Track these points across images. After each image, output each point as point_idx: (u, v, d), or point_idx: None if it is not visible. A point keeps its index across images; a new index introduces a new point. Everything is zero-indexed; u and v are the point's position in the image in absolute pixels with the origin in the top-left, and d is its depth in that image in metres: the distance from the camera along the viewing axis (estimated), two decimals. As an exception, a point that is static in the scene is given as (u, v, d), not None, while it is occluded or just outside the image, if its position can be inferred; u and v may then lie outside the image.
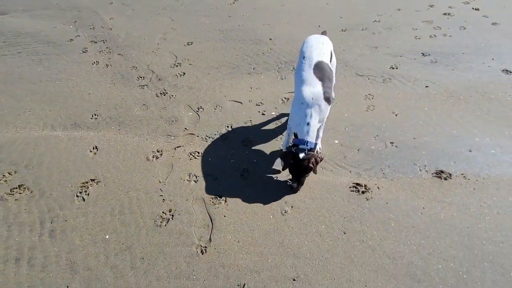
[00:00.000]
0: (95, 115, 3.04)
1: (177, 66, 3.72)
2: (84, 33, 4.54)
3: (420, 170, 2.34)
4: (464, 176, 2.27)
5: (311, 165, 2.02)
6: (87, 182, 2.36)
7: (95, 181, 2.37)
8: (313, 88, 2.06)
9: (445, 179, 2.26)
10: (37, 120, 2.99)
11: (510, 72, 3.30)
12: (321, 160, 2.11)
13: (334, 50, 2.47)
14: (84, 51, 4.10)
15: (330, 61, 2.37)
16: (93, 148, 2.66)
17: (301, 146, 2.05)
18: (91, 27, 4.68)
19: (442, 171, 2.32)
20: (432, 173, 2.31)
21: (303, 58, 2.20)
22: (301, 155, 2.02)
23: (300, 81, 2.14)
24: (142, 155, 2.58)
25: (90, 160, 2.56)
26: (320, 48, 2.25)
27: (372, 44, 3.94)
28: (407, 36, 4.06)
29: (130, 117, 2.99)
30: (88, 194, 2.28)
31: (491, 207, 2.07)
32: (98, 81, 3.53)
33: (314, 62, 2.16)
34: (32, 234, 2.04)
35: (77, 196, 2.27)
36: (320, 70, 2.15)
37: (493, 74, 3.29)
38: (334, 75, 2.62)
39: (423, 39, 3.97)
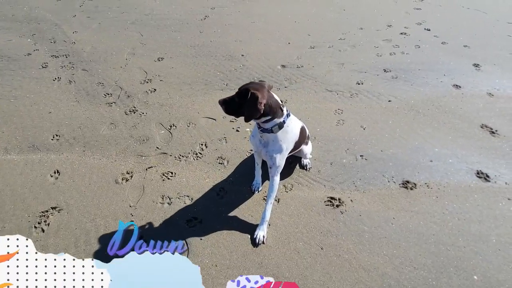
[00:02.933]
0: (57, 135, 2.82)
1: (147, 82, 3.61)
2: (44, 47, 4.27)
3: (389, 182, 2.46)
4: (427, 185, 2.43)
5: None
6: (47, 211, 2.16)
7: (57, 209, 2.18)
8: None
9: (411, 189, 2.41)
10: (-12, 143, 2.71)
11: (459, 86, 3.66)
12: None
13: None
14: (44, 66, 3.84)
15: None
16: (54, 173, 2.45)
17: None
18: (52, 41, 4.42)
19: (408, 181, 2.46)
20: (399, 184, 2.45)
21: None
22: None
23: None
24: (111, 178, 2.43)
25: (51, 186, 2.35)
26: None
27: (339, 60, 4.16)
28: (370, 53, 4.36)
29: (96, 137, 2.82)
30: (49, 224, 2.08)
31: (452, 213, 2.23)
32: (59, 98, 3.30)
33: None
34: (-21, 275, 1.79)
35: (35, 227, 2.06)
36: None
37: (445, 89, 3.63)
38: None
39: (384, 56, 4.28)
